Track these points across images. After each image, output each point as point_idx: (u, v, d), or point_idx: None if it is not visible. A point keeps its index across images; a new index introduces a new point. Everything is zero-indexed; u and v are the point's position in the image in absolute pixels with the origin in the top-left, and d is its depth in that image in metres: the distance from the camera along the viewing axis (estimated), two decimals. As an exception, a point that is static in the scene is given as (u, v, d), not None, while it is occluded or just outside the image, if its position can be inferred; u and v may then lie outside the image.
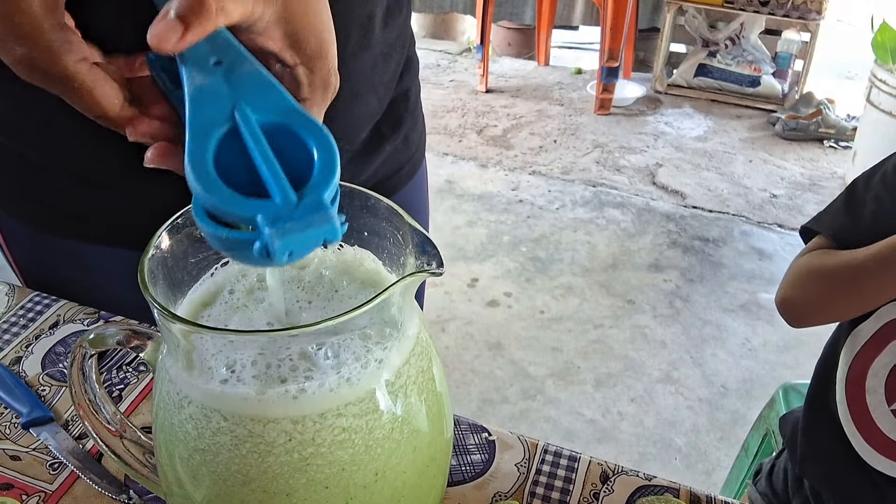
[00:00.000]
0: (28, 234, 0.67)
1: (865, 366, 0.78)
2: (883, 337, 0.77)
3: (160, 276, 0.36)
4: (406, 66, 0.71)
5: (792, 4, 3.15)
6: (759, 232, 2.57)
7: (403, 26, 0.68)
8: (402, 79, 0.70)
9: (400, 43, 0.67)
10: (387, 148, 0.71)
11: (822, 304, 0.82)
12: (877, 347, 0.77)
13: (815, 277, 0.82)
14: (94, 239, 0.64)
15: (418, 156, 0.77)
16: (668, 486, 0.52)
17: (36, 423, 0.55)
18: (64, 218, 0.63)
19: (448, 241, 2.46)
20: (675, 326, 2.13)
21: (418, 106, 0.76)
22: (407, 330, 0.36)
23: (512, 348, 2.03)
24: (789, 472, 0.91)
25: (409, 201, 0.76)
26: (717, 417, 1.84)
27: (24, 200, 0.64)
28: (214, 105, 0.32)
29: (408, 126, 0.73)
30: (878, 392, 0.77)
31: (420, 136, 0.77)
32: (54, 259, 0.68)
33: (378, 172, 0.71)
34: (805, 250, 0.85)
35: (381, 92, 0.67)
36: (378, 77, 0.65)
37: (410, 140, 0.74)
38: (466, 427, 0.57)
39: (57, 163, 0.59)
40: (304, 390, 0.33)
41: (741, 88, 3.40)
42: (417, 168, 0.77)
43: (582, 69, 3.79)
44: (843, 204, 0.83)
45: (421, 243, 0.36)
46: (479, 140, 3.15)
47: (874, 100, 2.68)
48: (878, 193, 0.79)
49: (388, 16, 0.64)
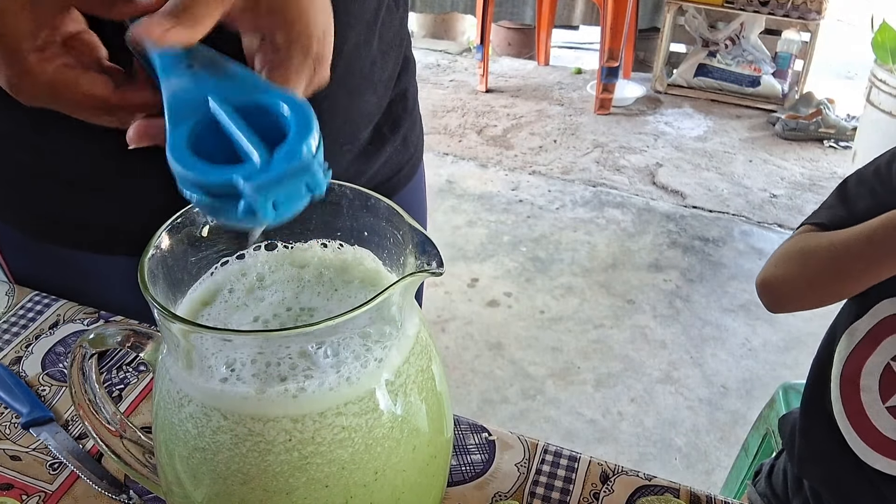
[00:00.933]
0: (23, 242, 0.67)
1: (860, 364, 0.78)
2: (877, 335, 0.77)
3: (160, 276, 0.36)
4: (404, 66, 0.71)
5: (792, 4, 3.15)
6: (759, 232, 2.57)
7: (401, 25, 0.68)
8: (400, 79, 0.71)
9: (397, 41, 0.68)
10: (387, 149, 0.71)
11: (803, 284, 0.81)
12: (871, 346, 0.77)
13: (798, 256, 0.81)
14: (89, 247, 0.64)
15: (417, 157, 0.77)
16: (668, 486, 0.52)
17: (36, 423, 0.55)
18: (59, 225, 0.63)
19: (448, 241, 2.46)
20: (675, 326, 2.13)
21: (416, 106, 0.76)
22: (407, 329, 0.36)
23: (512, 348, 2.03)
24: (789, 473, 0.91)
25: (408, 202, 0.76)
26: (717, 417, 1.84)
27: (19, 208, 0.64)
28: (190, 99, 0.34)
29: (406, 127, 0.73)
30: (873, 390, 0.77)
31: (418, 137, 0.77)
32: (50, 268, 0.68)
33: (378, 174, 0.71)
34: (792, 235, 0.85)
35: (381, 90, 0.67)
36: (377, 75, 0.65)
37: (409, 141, 0.74)
38: (466, 427, 0.57)
39: (51, 168, 0.59)
40: (304, 389, 0.33)
41: (741, 88, 3.40)
42: (416, 169, 0.77)
43: (582, 69, 3.79)
44: (836, 200, 0.83)
45: (421, 243, 0.36)
46: (479, 140, 3.15)
47: (874, 100, 2.68)
48: (872, 187, 0.79)
49: (387, 13, 0.64)
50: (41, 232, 0.64)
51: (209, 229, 0.39)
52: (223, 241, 0.40)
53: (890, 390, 0.76)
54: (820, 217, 0.83)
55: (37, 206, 0.63)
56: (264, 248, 0.41)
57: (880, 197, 0.77)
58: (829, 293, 0.80)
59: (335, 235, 0.41)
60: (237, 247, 0.41)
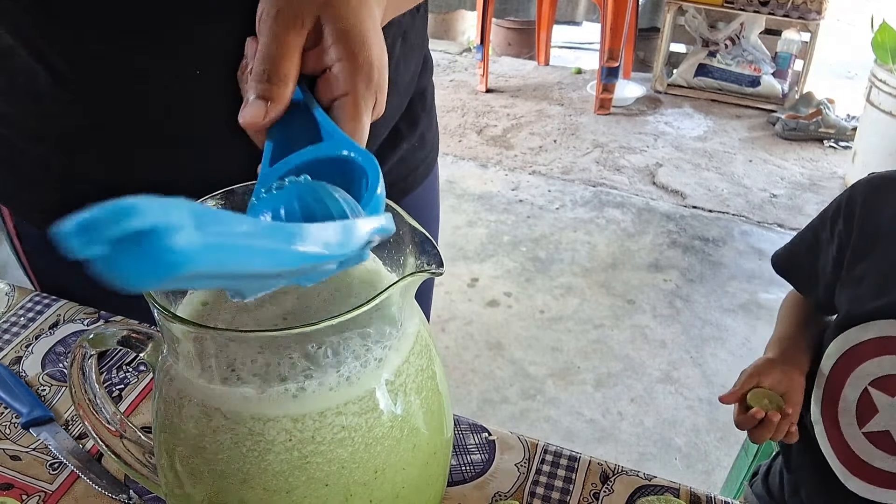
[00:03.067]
0: (46, 240, 0.67)
1: (839, 386, 0.78)
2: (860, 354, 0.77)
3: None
4: (423, 66, 0.72)
5: (792, 4, 3.15)
6: (759, 232, 2.57)
7: (422, 27, 0.69)
8: (420, 78, 0.71)
9: (419, 42, 0.69)
10: (403, 146, 0.71)
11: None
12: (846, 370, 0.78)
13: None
14: None
15: (433, 156, 0.77)
16: (668, 486, 0.52)
17: (36, 423, 0.55)
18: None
19: (448, 241, 2.46)
20: (675, 326, 2.13)
21: (433, 106, 0.76)
22: (407, 329, 0.36)
23: (512, 348, 2.03)
24: (785, 475, 0.91)
25: (423, 201, 0.76)
26: (717, 417, 1.84)
27: (44, 207, 0.64)
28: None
29: (423, 125, 0.73)
30: (851, 414, 0.77)
31: (435, 136, 0.78)
32: (71, 265, 0.68)
33: (393, 171, 0.71)
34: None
35: (403, 91, 0.68)
36: (400, 77, 0.66)
37: (426, 139, 0.75)
38: (466, 427, 0.57)
39: (79, 170, 0.59)
40: (304, 389, 0.33)
41: (741, 88, 3.40)
42: (432, 168, 0.77)
43: (582, 69, 3.79)
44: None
45: (421, 243, 0.36)
46: (479, 140, 3.15)
47: (874, 100, 2.68)
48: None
49: (411, 18, 0.65)
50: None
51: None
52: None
53: (867, 416, 0.76)
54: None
55: (62, 205, 0.62)
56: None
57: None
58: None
59: (335, 235, 0.41)
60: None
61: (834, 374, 0.78)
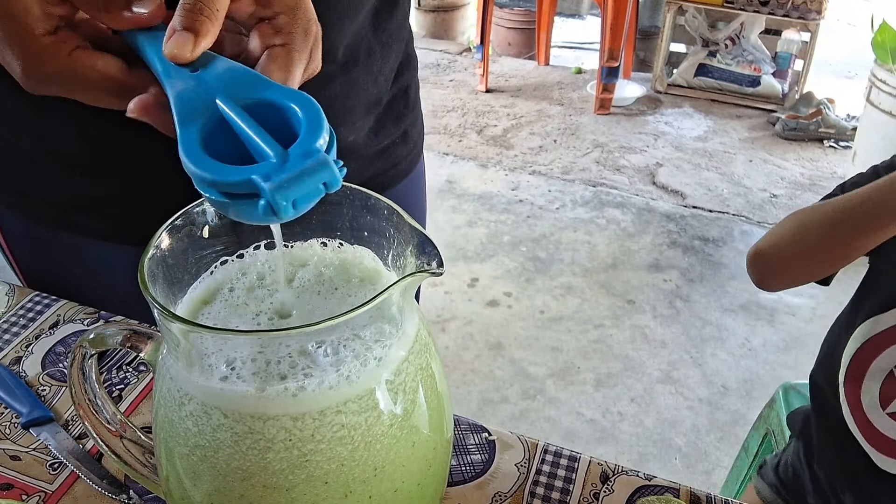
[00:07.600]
0: (28, 231, 0.67)
1: (864, 366, 0.78)
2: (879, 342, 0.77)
3: (160, 275, 0.36)
4: (405, 62, 0.72)
5: (792, 4, 3.15)
6: (759, 232, 2.57)
7: (402, 20, 0.70)
8: (402, 74, 0.72)
9: (398, 36, 0.69)
10: (385, 142, 0.72)
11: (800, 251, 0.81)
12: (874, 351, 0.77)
13: (795, 226, 0.82)
14: (95, 235, 0.64)
15: (416, 152, 0.78)
16: (668, 486, 0.52)
17: (36, 423, 0.55)
18: (64, 213, 0.63)
19: (448, 241, 2.46)
20: (675, 326, 2.13)
21: (418, 103, 0.77)
22: (406, 328, 0.36)
23: (512, 348, 2.03)
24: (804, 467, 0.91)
25: (405, 197, 0.77)
26: (717, 417, 1.84)
27: (24, 194, 0.64)
28: (196, 99, 0.34)
29: (407, 122, 0.74)
30: (873, 393, 0.77)
31: (419, 134, 0.78)
32: (54, 257, 0.68)
33: (374, 165, 0.72)
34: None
35: (381, 83, 0.68)
36: (377, 66, 0.67)
37: (409, 136, 0.75)
38: (466, 427, 0.57)
39: (54, 152, 0.59)
40: (304, 388, 0.33)
41: (741, 88, 3.40)
42: (415, 165, 0.78)
43: (582, 69, 3.80)
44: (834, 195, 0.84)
45: (421, 243, 0.36)
46: (479, 140, 3.15)
47: (874, 100, 2.68)
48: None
49: (385, 5, 0.65)
50: (46, 219, 0.65)
51: (209, 229, 0.39)
52: (223, 241, 0.40)
53: (890, 397, 0.76)
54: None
55: (41, 192, 0.63)
56: (264, 247, 0.41)
57: None
58: (824, 262, 0.79)
59: (335, 234, 0.41)
60: (237, 246, 0.41)
61: (858, 356, 0.78)
